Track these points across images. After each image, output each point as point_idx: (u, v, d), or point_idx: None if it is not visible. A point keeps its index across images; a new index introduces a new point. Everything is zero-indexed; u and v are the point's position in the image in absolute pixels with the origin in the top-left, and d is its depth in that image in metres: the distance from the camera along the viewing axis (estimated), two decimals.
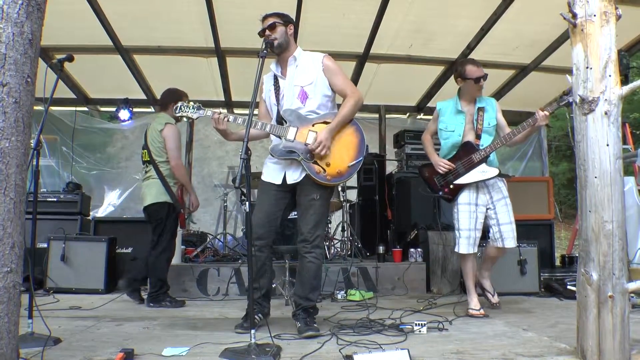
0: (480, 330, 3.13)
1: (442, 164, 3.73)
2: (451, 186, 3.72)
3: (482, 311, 3.61)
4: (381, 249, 5.17)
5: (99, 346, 2.63)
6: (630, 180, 5.33)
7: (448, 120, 3.80)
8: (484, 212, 3.71)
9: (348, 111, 3.16)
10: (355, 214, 6.37)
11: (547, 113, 3.38)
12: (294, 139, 3.12)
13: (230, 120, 3.15)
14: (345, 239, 5.54)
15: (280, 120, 3.20)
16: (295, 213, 3.37)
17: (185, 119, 3.30)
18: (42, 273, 4.75)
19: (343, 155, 3.14)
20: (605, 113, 2.35)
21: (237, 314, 3.71)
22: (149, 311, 3.88)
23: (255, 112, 2.96)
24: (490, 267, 3.95)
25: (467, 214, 3.66)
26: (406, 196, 5.94)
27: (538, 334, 2.94)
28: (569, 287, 4.40)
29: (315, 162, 3.09)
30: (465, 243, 3.65)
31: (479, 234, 3.69)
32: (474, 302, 3.69)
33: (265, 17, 3.21)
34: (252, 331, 2.47)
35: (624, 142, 5.61)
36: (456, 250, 3.73)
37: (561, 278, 4.86)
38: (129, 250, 5.25)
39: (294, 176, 3.17)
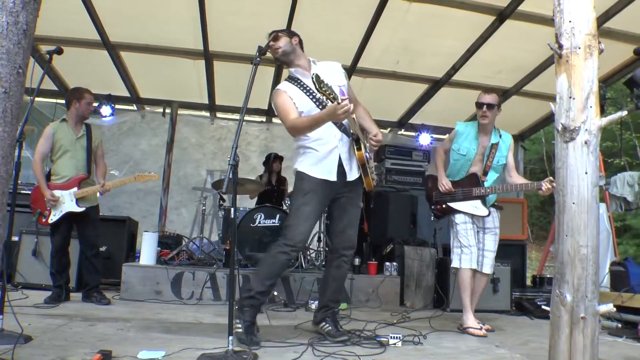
0: (454, 345, 3.18)
1: (444, 183, 3.81)
2: (444, 206, 3.82)
3: (484, 330, 3.58)
4: (357, 261, 5.19)
5: (72, 346, 2.58)
6: (602, 207, 5.51)
7: (462, 143, 3.84)
8: (477, 232, 3.80)
9: None
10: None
11: (552, 187, 3.27)
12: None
13: None
14: (321, 249, 5.55)
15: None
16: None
17: None
18: (11, 267, 4.61)
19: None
20: (585, 142, 2.44)
21: (211, 319, 3.70)
22: (121, 312, 3.82)
23: (246, 117, 2.95)
24: (475, 302, 3.82)
25: (465, 232, 3.74)
26: (384, 210, 6.00)
27: (510, 352, 3.01)
28: (543, 307, 4.51)
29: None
30: (467, 258, 3.71)
31: (477, 251, 3.75)
32: (471, 320, 3.66)
33: (270, 34, 3.15)
34: (230, 337, 2.45)
35: None
36: (456, 266, 3.76)
37: (532, 297, 4.99)
38: (103, 248, 5.13)
39: (353, 172, 3.09)
